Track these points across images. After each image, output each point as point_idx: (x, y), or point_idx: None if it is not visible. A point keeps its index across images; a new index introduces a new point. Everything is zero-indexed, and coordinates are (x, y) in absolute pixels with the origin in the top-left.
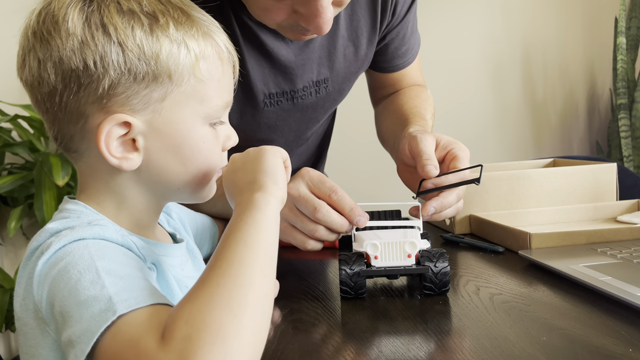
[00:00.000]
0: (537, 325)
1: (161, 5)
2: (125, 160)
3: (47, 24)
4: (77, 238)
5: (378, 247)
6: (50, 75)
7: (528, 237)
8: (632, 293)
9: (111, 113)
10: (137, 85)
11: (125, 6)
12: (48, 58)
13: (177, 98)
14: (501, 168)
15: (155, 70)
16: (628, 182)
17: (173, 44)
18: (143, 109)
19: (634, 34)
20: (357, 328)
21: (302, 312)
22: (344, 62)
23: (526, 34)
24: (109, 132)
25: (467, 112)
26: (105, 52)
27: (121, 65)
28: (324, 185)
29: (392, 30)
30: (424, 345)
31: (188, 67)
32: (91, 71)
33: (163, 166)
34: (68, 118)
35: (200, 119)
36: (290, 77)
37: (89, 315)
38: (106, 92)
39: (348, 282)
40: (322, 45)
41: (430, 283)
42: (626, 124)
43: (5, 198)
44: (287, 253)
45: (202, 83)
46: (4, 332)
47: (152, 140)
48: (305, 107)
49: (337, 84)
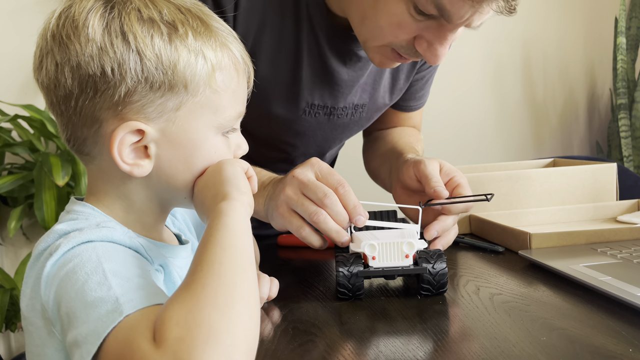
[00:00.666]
0: (537, 325)
1: (181, 14)
2: (137, 167)
3: (67, 28)
4: (85, 240)
5: (376, 247)
6: (67, 79)
7: (528, 237)
8: (632, 293)
9: (125, 120)
10: (152, 94)
11: (146, 14)
12: (66, 62)
13: (191, 108)
14: (501, 168)
15: (171, 80)
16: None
17: (191, 53)
18: (157, 118)
19: (634, 34)
20: (357, 328)
21: (302, 312)
22: (382, 92)
23: (526, 34)
24: (123, 139)
25: (467, 112)
26: (123, 59)
27: (138, 74)
28: (332, 177)
29: (421, 73)
30: (424, 345)
31: (204, 77)
32: (108, 78)
33: (173, 174)
34: (82, 122)
35: (213, 128)
36: (336, 94)
37: (95, 316)
38: (122, 100)
39: (346, 283)
40: (371, 72)
41: (428, 284)
42: (626, 124)
43: (5, 198)
44: (287, 253)
45: (217, 94)
46: (4, 332)
47: (164, 148)
48: (337, 126)
49: (371, 111)
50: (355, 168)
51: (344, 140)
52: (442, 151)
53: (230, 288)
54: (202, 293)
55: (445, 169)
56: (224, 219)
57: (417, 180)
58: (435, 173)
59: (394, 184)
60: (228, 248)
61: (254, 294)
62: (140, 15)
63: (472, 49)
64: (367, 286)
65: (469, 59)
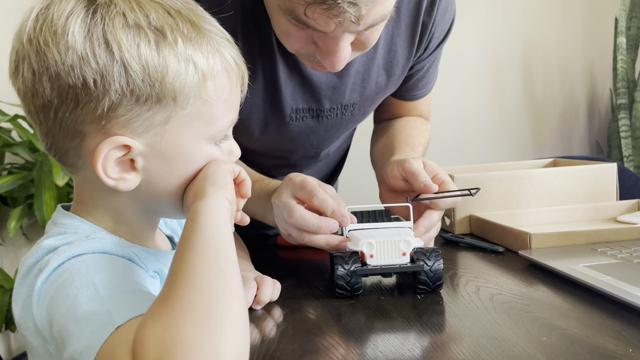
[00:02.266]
0: (537, 326)
1: (170, 18)
2: (122, 181)
3: (45, 33)
4: (75, 254)
5: (373, 245)
6: (46, 88)
7: (528, 237)
8: (632, 293)
9: (110, 135)
10: (139, 107)
11: (132, 20)
12: (44, 71)
13: (181, 120)
14: (501, 168)
15: (159, 93)
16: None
17: (180, 62)
18: (145, 132)
19: (634, 34)
20: (357, 328)
21: (302, 312)
22: (375, 88)
23: (526, 34)
24: (107, 155)
25: (467, 112)
26: (106, 71)
27: (123, 87)
28: (304, 191)
29: (421, 62)
30: (424, 345)
31: (194, 88)
32: (90, 90)
33: (164, 187)
34: (63, 134)
35: (205, 139)
36: (318, 97)
37: (89, 331)
38: (105, 114)
39: (344, 281)
40: (357, 71)
41: (425, 281)
42: (626, 124)
43: (5, 198)
44: (287, 253)
45: (208, 104)
46: (4, 332)
47: (154, 162)
48: (329, 126)
49: (364, 107)
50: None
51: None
52: (442, 151)
53: (208, 296)
54: (177, 306)
55: (428, 167)
56: (198, 219)
57: (402, 179)
58: (421, 169)
59: (379, 186)
60: (203, 251)
61: (237, 297)
62: (126, 20)
63: (472, 49)
64: (364, 284)
65: (469, 59)
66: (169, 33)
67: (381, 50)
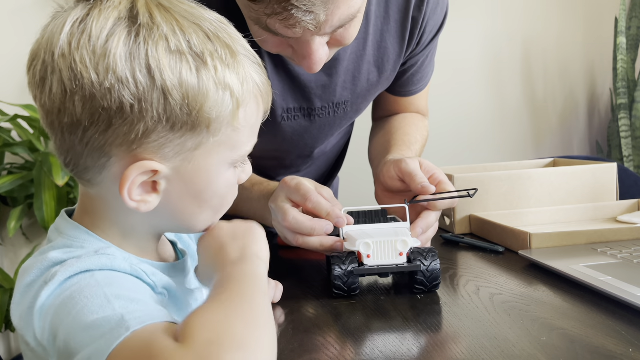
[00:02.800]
0: (537, 326)
1: (209, 42)
2: (144, 204)
3: (82, 51)
4: (83, 269)
5: (370, 246)
6: (77, 107)
7: (528, 237)
8: (633, 293)
9: (139, 159)
10: (172, 134)
11: (174, 44)
12: (78, 90)
13: (210, 147)
14: (501, 168)
15: (195, 121)
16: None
17: (219, 90)
18: (174, 157)
19: (634, 34)
20: (357, 328)
21: (302, 312)
22: (367, 85)
23: (526, 34)
24: (134, 179)
25: (467, 112)
26: (145, 97)
27: (160, 114)
28: (298, 193)
29: (414, 58)
30: (424, 345)
31: (228, 117)
32: (126, 114)
33: (180, 208)
34: (88, 153)
35: (227, 164)
36: (308, 96)
37: (99, 335)
38: (138, 139)
39: (341, 281)
40: (348, 69)
41: (422, 281)
42: (626, 124)
43: (5, 198)
44: (287, 253)
45: (237, 131)
46: (3, 332)
47: (175, 185)
48: (322, 125)
49: (356, 105)
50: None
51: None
52: (442, 151)
53: (254, 306)
54: (230, 308)
55: (425, 167)
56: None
57: (399, 179)
58: (418, 170)
59: (375, 186)
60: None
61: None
62: (168, 45)
63: (472, 48)
64: (360, 284)
65: (469, 59)
66: (209, 59)
67: (371, 47)
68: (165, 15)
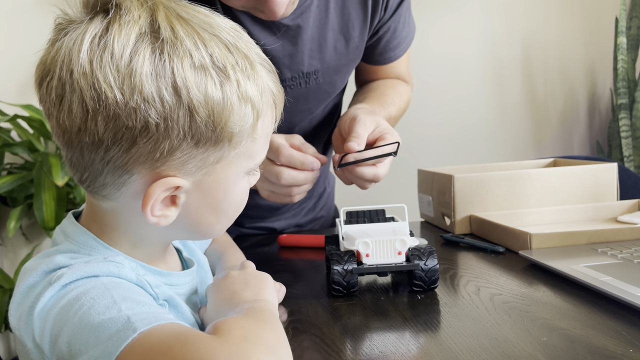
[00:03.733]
0: (537, 326)
1: (230, 55)
2: (164, 218)
3: (106, 70)
4: (90, 274)
5: (369, 245)
6: (99, 127)
7: (528, 237)
8: (633, 293)
9: (162, 176)
10: (196, 150)
11: (198, 59)
12: (101, 110)
13: (230, 159)
14: (501, 168)
15: (219, 136)
16: (628, 182)
17: (241, 103)
18: (196, 172)
19: (635, 34)
20: (357, 328)
21: (302, 312)
22: (335, 54)
23: (526, 34)
24: (157, 197)
25: (467, 112)
26: (172, 115)
27: (185, 131)
28: (272, 153)
29: (384, 25)
30: (424, 345)
31: (249, 129)
32: (151, 132)
33: (197, 219)
34: (108, 170)
35: (243, 173)
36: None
37: (105, 337)
38: (163, 156)
39: (340, 281)
40: (313, 37)
41: (420, 280)
42: (627, 123)
43: (5, 198)
44: (287, 253)
45: (255, 142)
46: (3, 332)
47: (193, 197)
48: (295, 98)
49: (328, 76)
50: None
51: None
52: (442, 151)
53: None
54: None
55: (380, 128)
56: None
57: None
58: (360, 131)
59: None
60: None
61: None
62: (193, 61)
63: (473, 48)
64: (359, 283)
65: (469, 59)
66: (232, 72)
67: (333, 14)
68: (186, 29)
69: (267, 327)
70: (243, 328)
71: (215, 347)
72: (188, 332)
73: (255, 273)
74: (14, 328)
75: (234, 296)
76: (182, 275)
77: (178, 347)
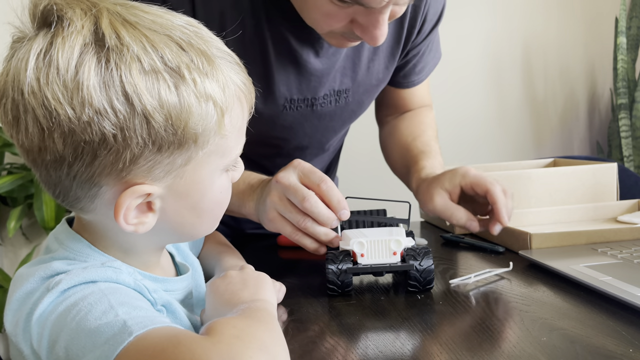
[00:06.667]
0: (537, 326)
1: (184, 53)
2: (142, 225)
3: (53, 87)
4: (88, 280)
5: (364, 245)
6: (57, 144)
7: (528, 237)
8: (633, 293)
9: (130, 185)
10: (160, 155)
11: (147, 64)
12: (55, 128)
13: (199, 159)
14: (501, 168)
15: (181, 138)
16: (628, 182)
17: (201, 103)
18: (165, 177)
19: (635, 34)
20: (357, 328)
21: (302, 312)
22: (367, 74)
23: (526, 34)
24: (129, 205)
25: (467, 112)
26: (127, 124)
27: (145, 138)
28: (314, 174)
29: (415, 48)
30: (424, 345)
31: (214, 127)
32: (109, 144)
33: (179, 222)
34: (76, 185)
35: (220, 171)
36: (314, 85)
37: (102, 341)
38: (126, 166)
39: (335, 280)
40: (348, 55)
41: (415, 280)
42: (627, 124)
43: (5, 198)
44: (287, 253)
45: (225, 138)
46: (3, 333)
47: (170, 201)
48: (322, 115)
49: (358, 95)
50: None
51: (338, 128)
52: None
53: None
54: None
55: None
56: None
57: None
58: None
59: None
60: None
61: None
62: (142, 66)
63: (473, 48)
64: (357, 283)
65: (469, 59)
66: (187, 72)
67: None
68: (132, 33)
69: (262, 325)
70: (235, 327)
71: (208, 347)
72: (181, 333)
73: (254, 273)
74: (10, 334)
75: (233, 297)
76: (178, 280)
77: (171, 349)
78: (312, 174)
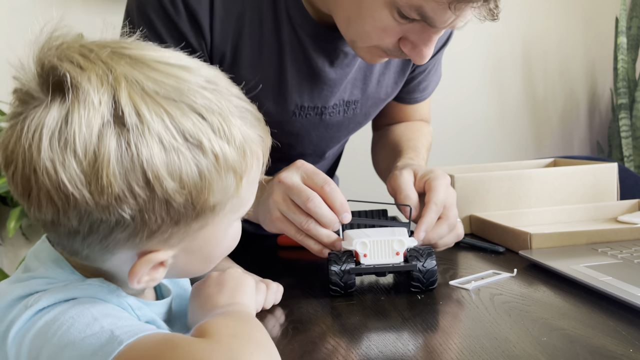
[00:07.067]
0: (537, 326)
1: (204, 122)
2: (152, 282)
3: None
4: (69, 297)
5: (367, 245)
6: (72, 221)
7: (528, 237)
8: (633, 293)
9: (146, 252)
10: (177, 227)
11: (168, 141)
12: (71, 209)
13: (216, 222)
14: (501, 168)
15: (200, 211)
16: (628, 182)
17: (221, 175)
18: (179, 243)
19: (635, 34)
20: (357, 327)
21: (302, 312)
22: (376, 87)
23: (527, 34)
24: (143, 272)
25: (467, 112)
26: (147, 207)
27: (164, 217)
28: (318, 176)
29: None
30: (424, 345)
31: (232, 193)
32: (126, 223)
33: (187, 270)
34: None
35: (234, 221)
36: (325, 94)
37: (89, 353)
38: (143, 240)
39: (338, 281)
40: (360, 67)
41: (418, 281)
42: (627, 123)
43: (5, 198)
44: (287, 253)
45: (240, 197)
46: None
47: (182, 257)
48: (330, 124)
49: (365, 107)
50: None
51: (342, 138)
52: (442, 151)
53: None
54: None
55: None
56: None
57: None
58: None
59: None
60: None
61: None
62: (163, 146)
63: (473, 48)
64: (359, 283)
65: (469, 59)
66: (207, 144)
67: None
68: (153, 107)
69: (249, 324)
70: (229, 327)
71: (207, 348)
72: (175, 337)
73: (234, 275)
74: None
75: (208, 301)
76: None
77: (169, 353)
78: (316, 175)
